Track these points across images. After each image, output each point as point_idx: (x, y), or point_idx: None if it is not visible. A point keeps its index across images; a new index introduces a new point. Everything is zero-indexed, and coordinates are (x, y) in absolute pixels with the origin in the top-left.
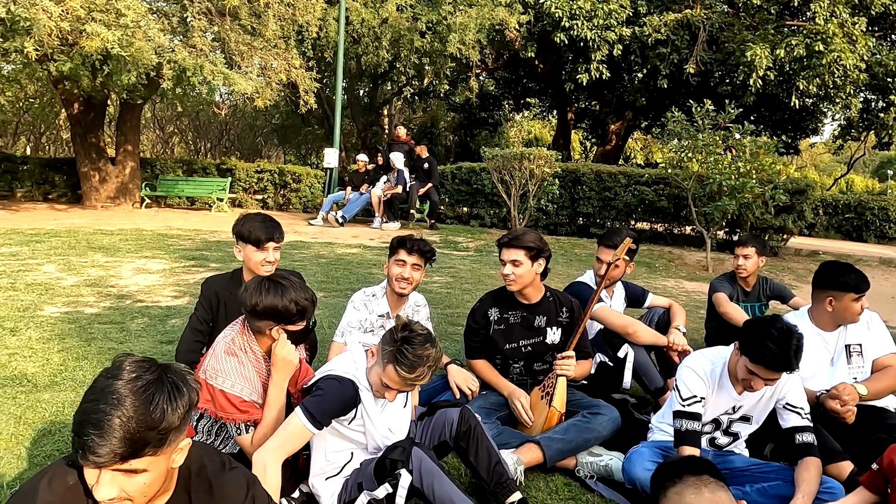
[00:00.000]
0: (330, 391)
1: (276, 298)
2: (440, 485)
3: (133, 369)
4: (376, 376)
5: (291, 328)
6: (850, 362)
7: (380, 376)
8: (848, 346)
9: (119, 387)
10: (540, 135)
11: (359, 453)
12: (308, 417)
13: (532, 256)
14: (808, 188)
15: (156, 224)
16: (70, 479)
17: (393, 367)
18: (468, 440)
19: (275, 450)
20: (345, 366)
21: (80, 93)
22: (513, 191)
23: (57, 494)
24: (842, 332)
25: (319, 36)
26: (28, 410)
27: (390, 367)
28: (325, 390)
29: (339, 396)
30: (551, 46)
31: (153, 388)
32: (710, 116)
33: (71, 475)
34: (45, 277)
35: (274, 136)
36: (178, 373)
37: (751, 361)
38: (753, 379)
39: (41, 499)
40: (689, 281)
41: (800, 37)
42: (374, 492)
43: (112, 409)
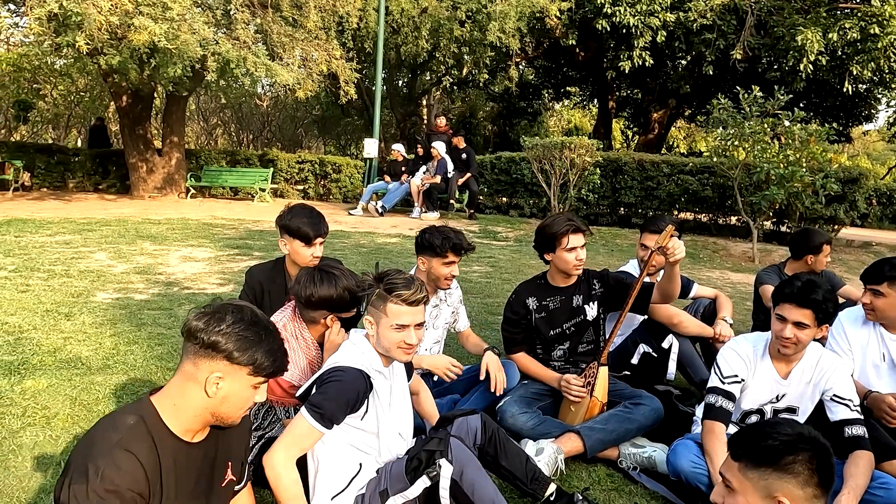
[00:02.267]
0: (335, 385)
1: (331, 289)
2: (481, 480)
3: (248, 309)
4: (384, 335)
5: (344, 316)
6: None
7: (386, 329)
8: None
9: (265, 319)
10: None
11: (368, 463)
12: (315, 417)
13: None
14: (861, 177)
15: (201, 214)
16: (130, 419)
17: (392, 301)
18: (496, 446)
19: (285, 450)
20: (348, 356)
21: (128, 86)
22: (553, 180)
23: (124, 431)
24: None
25: (359, 26)
26: (83, 392)
27: (389, 303)
28: (330, 385)
29: (348, 388)
30: (593, 34)
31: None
32: (758, 103)
33: (130, 417)
34: (96, 265)
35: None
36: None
37: (778, 303)
38: (783, 327)
39: (119, 435)
40: (734, 272)
41: (854, 19)
42: (408, 491)
43: (278, 334)
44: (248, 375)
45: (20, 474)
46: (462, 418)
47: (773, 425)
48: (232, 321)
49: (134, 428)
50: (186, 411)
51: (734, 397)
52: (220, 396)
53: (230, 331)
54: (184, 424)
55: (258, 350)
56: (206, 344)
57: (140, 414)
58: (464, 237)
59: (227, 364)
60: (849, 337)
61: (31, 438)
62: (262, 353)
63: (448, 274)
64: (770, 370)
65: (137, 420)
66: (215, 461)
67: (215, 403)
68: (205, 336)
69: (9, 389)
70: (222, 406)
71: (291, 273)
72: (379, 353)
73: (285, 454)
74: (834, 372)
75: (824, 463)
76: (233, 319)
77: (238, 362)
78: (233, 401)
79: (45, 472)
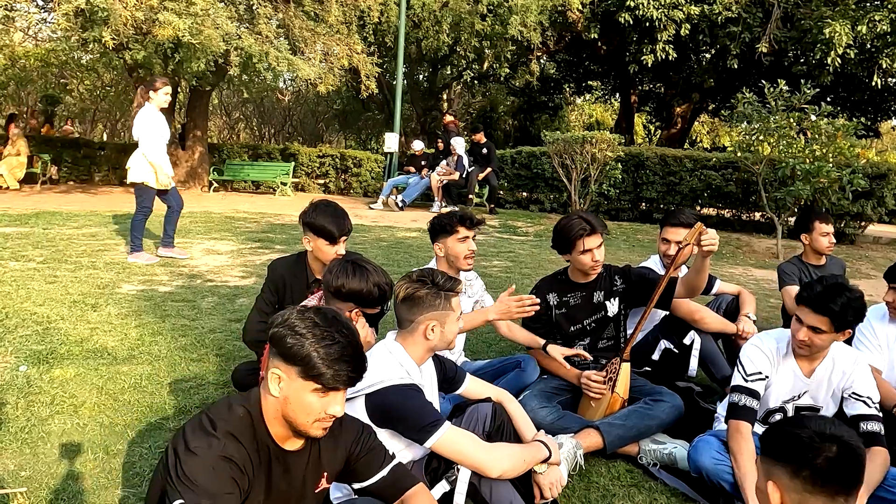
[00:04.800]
0: (410, 402)
1: (362, 282)
2: (498, 485)
3: (326, 311)
4: (449, 333)
5: (369, 311)
6: None
7: (453, 324)
8: None
9: (343, 320)
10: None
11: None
12: (435, 429)
13: (604, 236)
14: (890, 172)
15: (223, 207)
16: (240, 410)
17: (454, 296)
18: (502, 435)
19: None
20: (392, 371)
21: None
22: (574, 175)
23: (234, 423)
24: None
25: (380, 21)
26: (109, 381)
27: (453, 299)
28: (404, 402)
29: (417, 397)
30: (615, 27)
31: (350, 321)
32: (784, 97)
33: (240, 409)
34: (122, 257)
35: (335, 122)
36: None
37: (799, 304)
38: (798, 328)
39: (229, 424)
40: (757, 269)
41: (884, 11)
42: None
43: (354, 338)
44: (300, 378)
45: (49, 461)
46: (474, 406)
47: (797, 422)
48: (294, 317)
49: (243, 421)
50: (269, 411)
51: (758, 395)
52: (283, 397)
53: (286, 325)
54: (272, 426)
55: (311, 352)
56: (270, 338)
57: (248, 408)
58: (472, 213)
59: (283, 362)
60: (878, 333)
61: (60, 426)
62: (317, 357)
63: (465, 250)
64: (793, 368)
65: (245, 414)
66: (307, 471)
67: (282, 404)
68: (273, 329)
69: (38, 378)
70: (287, 409)
71: (313, 268)
72: (431, 350)
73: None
74: (857, 370)
75: (836, 462)
76: (296, 316)
77: (290, 361)
78: (294, 405)
79: (73, 459)
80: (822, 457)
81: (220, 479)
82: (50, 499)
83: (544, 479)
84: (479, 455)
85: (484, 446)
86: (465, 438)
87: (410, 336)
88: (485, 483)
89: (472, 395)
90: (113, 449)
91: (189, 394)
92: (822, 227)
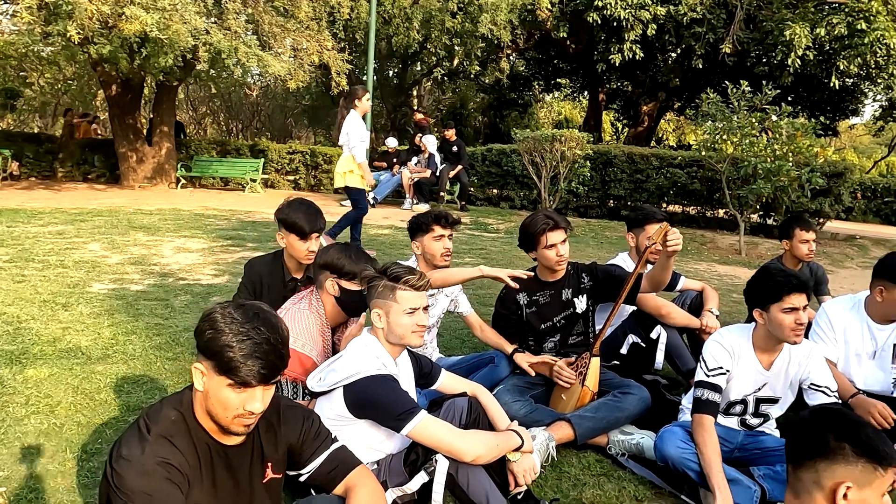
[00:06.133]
0: (383, 391)
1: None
2: (476, 473)
3: (249, 307)
4: (397, 322)
5: (345, 284)
6: (895, 362)
7: (398, 316)
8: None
9: (265, 317)
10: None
11: (370, 455)
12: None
13: (568, 232)
14: (846, 171)
15: (192, 204)
16: (172, 413)
17: (400, 288)
18: (477, 427)
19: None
20: (365, 360)
21: (118, 75)
22: (543, 173)
23: (166, 426)
24: (894, 329)
25: (350, 17)
26: (84, 381)
27: (398, 291)
28: (379, 393)
29: (392, 387)
30: (583, 26)
31: (276, 317)
32: (747, 98)
33: (172, 412)
34: (91, 255)
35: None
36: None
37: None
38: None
39: (162, 427)
40: (721, 265)
41: (841, 15)
42: (406, 485)
43: (272, 335)
44: (215, 373)
45: (27, 461)
46: (450, 400)
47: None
48: (216, 312)
49: (175, 424)
50: (199, 407)
51: (720, 389)
52: (205, 391)
53: (207, 319)
54: (207, 422)
55: (225, 347)
56: (195, 331)
57: (180, 409)
58: (449, 213)
59: (203, 357)
60: (835, 327)
61: (36, 426)
62: (230, 352)
63: (441, 248)
64: (753, 361)
65: (178, 416)
66: (251, 464)
67: (205, 398)
68: (198, 324)
69: (11, 378)
70: (209, 404)
71: (289, 266)
72: (391, 343)
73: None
74: (811, 361)
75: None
76: (219, 311)
77: (207, 355)
78: (213, 400)
79: (52, 458)
80: (864, 434)
81: (157, 483)
82: (30, 498)
83: (518, 466)
84: (454, 441)
85: (458, 432)
86: (440, 425)
87: (375, 327)
88: (462, 473)
89: (447, 390)
90: (92, 448)
91: (166, 393)
92: (802, 235)
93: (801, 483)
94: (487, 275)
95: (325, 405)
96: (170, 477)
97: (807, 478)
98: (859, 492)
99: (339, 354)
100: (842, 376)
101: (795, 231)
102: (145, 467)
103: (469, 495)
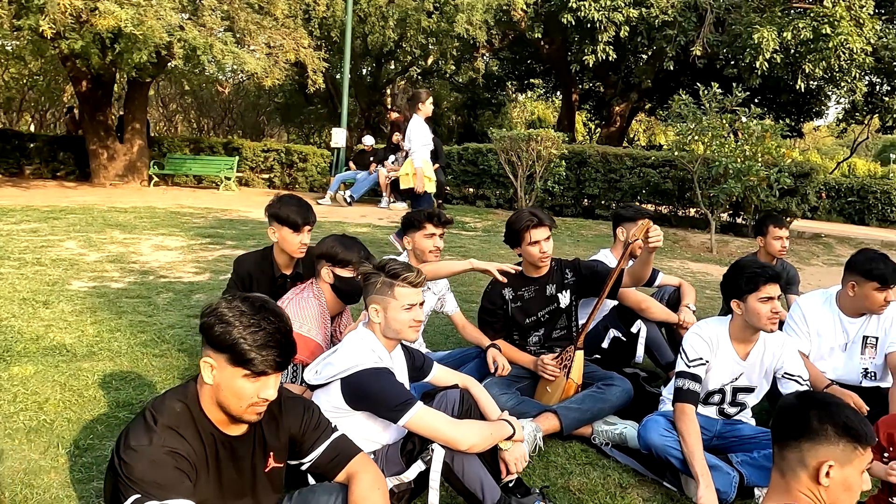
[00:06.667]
0: (380, 383)
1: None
2: (470, 461)
3: (255, 299)
4: (394, 318)
5: (339, 271)
6: (864, 353)
7: (396, 311)
8: (865, 337)
9: (272, 307)
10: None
11: (366, 447)
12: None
13: (552, 229)
14: (813, 171)
15: (167, 202)
16: (178, 405)
17: (398, 285)
18: (469, 418)
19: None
20: (365, 356)
21: (89, 71)
22: (520, 172)
23: (173, 417)
24: (864, 321)
25: (326, 15)
26: (71, 378)
27: (396, 287)
28: (375, 385)
29: (389, 379)
30: (558, 27)
31: (279, 307)
32: (717, 99)
33: (176, 403)
34: (68, 253)
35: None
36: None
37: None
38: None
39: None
40: (693, 262)
41: (807, 19)
42: (404, 474)
43: (282, 324)
44: (229, 365)
45: (18, 457)
46: (442, 392)
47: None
48: (222, 306)
49: (181, 415)
50: (206, 399)
51: (700, 379)
52: (216, 384)
53: (214, 314)
54: (213, 413)
55: (239, 339)
56: (200, 327)
57: (185, 401)
58: (442, 212)
59: (213, 351)
60: (808, 320)
61: (26, 423)
62: (244, 344)
63: (431, 246)
64: (730, 352)
65: (183, 407)
66: (254, 453)
67: (216, 391)
68: (202, 319)
69: None
70: (221, 395)
71: (279, 263)
72: (388, 337)
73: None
74: (785, 351)
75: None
76: (224, 305)
77: (219, 349)
78: (227, 391)
79: (44, 454)
80: (843, 414)
81: (166, 471)
82: (25, 494)
83: (509, 455)
84: (449, 430)
85: (454, 422)
86: (436, 416)
87: (371, 321)
88: (457, 461)
89: (439, 382)
90: (84, 444)
91: (156, 389)
92: (775, 232)
93: (786, 463)
94: (477, 268)
95: (321, 397)
96: (178, 466)
97: (792, 458)
98: (841, 469)
99: (335, 348)
100: (814, 368)
101: (769, 228)
102: (154, 457)
103: (464, 483)
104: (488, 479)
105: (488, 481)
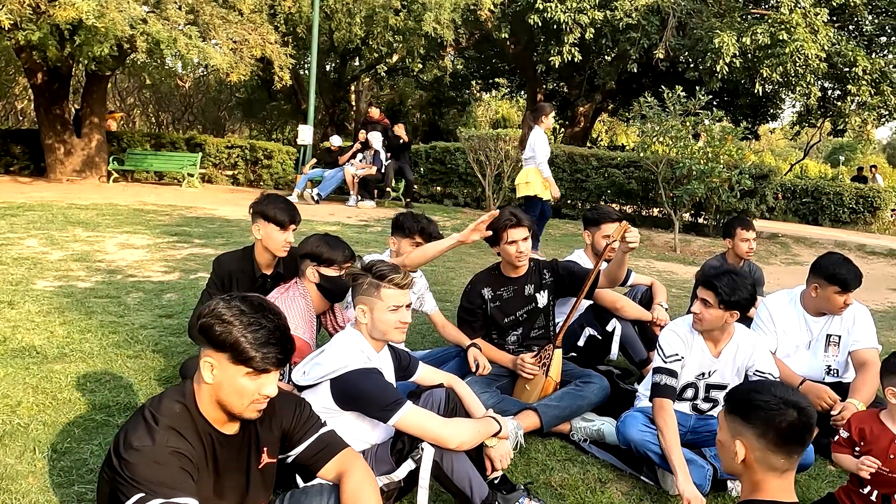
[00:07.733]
0: (370, 384)
1: (312, 242)
2: (459, 461)
3: (251, 298)
4: (380, 319)
5: (324, 270)
6: (827, 351)
7: (382, 313)
8: (829, 335)
9: (269, 306)
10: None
11: (356, 446)
12: (396, 407)
13: (530, 230)
14: (771, 173)
15: (128, 199)
16: (177, 406)
17: (385, 286)
18: (455, 416)
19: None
20: (354, 357)
21: (45, 63)
22: (488, 171)
23: (173, 418)
24: (827, 320)
25: (293, 11)
26: (43, 380)
27: (383, 289)
28: (365, 384)
29: (378, 379)
30: (524, 28)
31: (275, 305)
32: (681, 102)
33: (175, 404)
34: (29, 252)
35: (238, 111)
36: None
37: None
38: (695, 303)
39: (170, 418)
40: (658, 261)
41: (765, 25)
42: (394, 473)
43: (280, 321)
44: (231, 363)
45: None
46: (428, 391)
47: (763, 388)
48: (221, 306)
49: (180, 415)
50: (203, 399)
51: (676, 374)
52: (217, 383)
53: (213, 315)
54: (210, 412)
55: (240, 338)
56: (199, 328)
57: (183, 402)
58: (435, 226)
59: (213, 350)
60: (774, 319)
61: (0, 427)
62: (245, 342)
63: None
64: (703, 348)
65: (182, 408)
66: (250, 449)
67: (216, 390)
68: (201, 320)
69: None
70: (222, 394)
71: (260, 261)
72: (374, 338)
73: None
74: (756, 350)
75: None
76: (223, 305)
77: (220, 349)
78: (228, 390)
79: (20, 458)
80: (785, 421)
81: (171, 470)
82: (3, 499)
83: (495, 451)
84: (439, 429)
85: (443, 421)
86: (425, 415)
87: (359, 322)
88: (446, 460)
89: (425, 381)
90: (61, 448)
91: (131, 390)
92: (743, 234)
93: (723, 423)
94: (464, 239)
95: (310, 398)
96: (182, 465)
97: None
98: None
99: (322, 349)
100: (785, 366)
101: (737, 230)
102: (158, 456)
103: (454, 481)
104: (477, 477)
105: (477, 479)
